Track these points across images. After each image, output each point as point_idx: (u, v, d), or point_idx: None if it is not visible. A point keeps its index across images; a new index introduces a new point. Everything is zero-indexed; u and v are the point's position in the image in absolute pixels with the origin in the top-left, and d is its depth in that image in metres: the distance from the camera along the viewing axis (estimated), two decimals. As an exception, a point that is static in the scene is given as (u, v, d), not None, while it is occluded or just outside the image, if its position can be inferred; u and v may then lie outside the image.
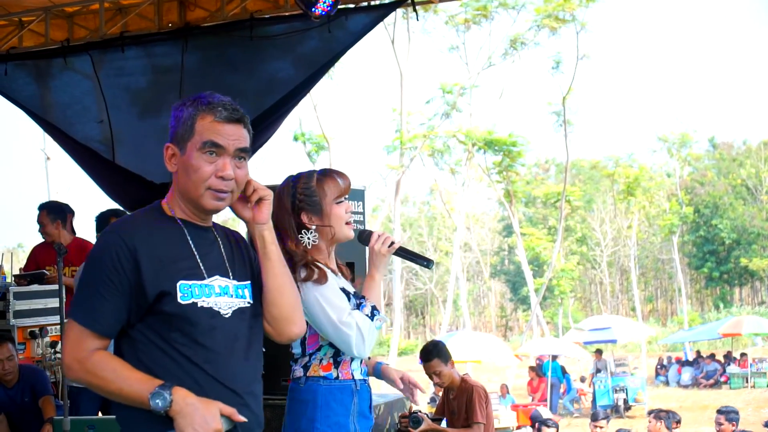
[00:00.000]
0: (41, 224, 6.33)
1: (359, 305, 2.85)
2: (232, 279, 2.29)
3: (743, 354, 24.69)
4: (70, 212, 6.46)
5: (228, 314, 2.24)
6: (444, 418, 5.34)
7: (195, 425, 2.09)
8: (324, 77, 7.73)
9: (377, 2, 6.67)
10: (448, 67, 75.26)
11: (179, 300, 2.17)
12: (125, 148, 7.22)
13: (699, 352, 27.22)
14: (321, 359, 2.85)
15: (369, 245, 2.96)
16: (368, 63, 67.38)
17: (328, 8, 6.02)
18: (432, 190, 41.45)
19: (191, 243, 2.25)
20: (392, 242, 2.95)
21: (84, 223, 6.70)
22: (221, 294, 2.24)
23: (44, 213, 6.34)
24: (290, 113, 7.07)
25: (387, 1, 6.63)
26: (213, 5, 6.99)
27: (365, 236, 2.99)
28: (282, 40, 6.73)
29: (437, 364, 5.24)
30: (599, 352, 23.10)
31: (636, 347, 31.18)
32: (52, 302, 5.84)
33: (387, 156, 28.42)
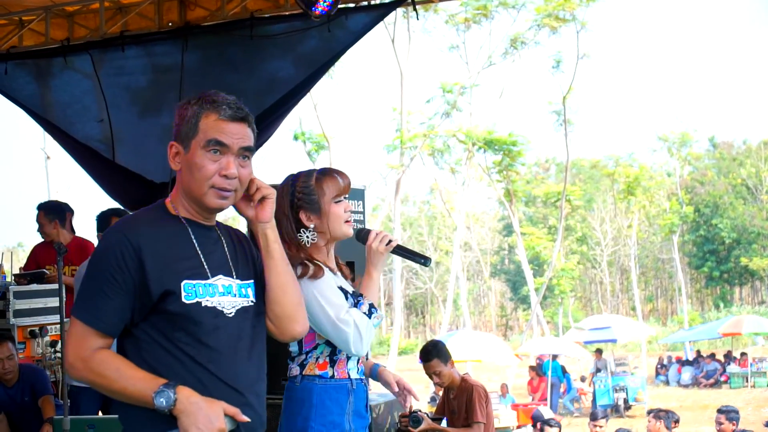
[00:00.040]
0: (39, 224, 6.34)
1: (357, 303, 2.85)
2: (236, 278, 2.28)
3: (743, 353, 24.69)
4: (69, 211, 6.45)
5: (231, 314, 2.24)
6: (444, 418, 5.34)
7: (199, 424, 2.09)
8: (324, 76, 7.73)
9: (377, 1, 6.67)
10: (449, 67, 75.25)
11: (183, 299, 2.16)
12: (125, 148, 7.23)
13: (699, 352, 27.22)
14: (317, 357, 2.85)
15: (367, 243, 2.96)
16: (368, 62, 67.45)
17: (328, 7, 6.02)
18: (432, 190, 41.48)
19: (195, 242, 2.24)
20: (390, 240, 2.96)
21: (84, 223, 6.70)
22: (225, 293, 2.23)
23: (42, 213, 6.34)
24: (290, 112, 7.08)
25: (387, 1, 6.63)
26: (213, 4, 7.00)
27: (363, 234, 2.99)
28: (282, 40, 6.73)
29: (437, 364, 5.24)
30: (599, 352, 23.11)
31: (636, 347, 31.17)
32: (52, 301, 5.83)
33: (387, 155, 28.45)
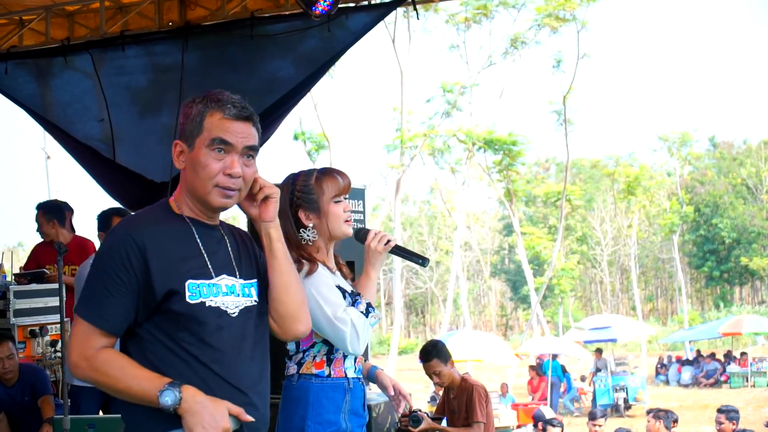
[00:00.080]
0: (38, 224, 6.33)
1: (354, 302, 2.86)
2: (239, 278, 2.28)
3: (743, 353, 24.70)
4: (69, 210, 6.44)
5: (235, 313, 2.23)
6: (444, 417, 5.35)
7: (204, 423, 2.09)
8: (324, 76, 7.73)
9: (377, 1, 6.66)
10: (449, 66, 75.28)
11: (187, 299, 2.16)
12: (125, 147, 7.23)
13: (699, 352, 27.23)
14: (314, 356, 2.86)
15: (365, 243, 2.98)
16: (369, 62, 67.41)
17: (329, 7, 6.02)
18: (432, 189, 41.44)
19: (199, 242, 2.24)
20: (388, 240, 2.97)
21: (84, 222, 6.70)
22: (228, 293, 2.23)
23: (40, 213, 6.33)
24: (290, 112, 7.08)
25: (387, 0, 6.63)
26: (213, 4, 7.00)
27: (362, 234, 3.01)
28: (282, 39, 6.73)
29: (437, 364, 5.24)
30: (599, 351, 23.12)
31: (636, 346, 31.19)
32: (53, 301, 5.83)
33: (387, 155, 28.42)
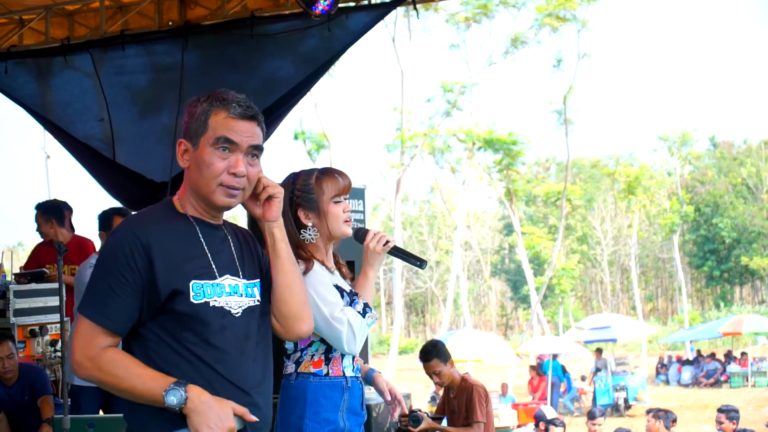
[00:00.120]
0: (37, 224, 6.33)
1: (352, 302, 2.87)
2: (242, 278, 2.27)
3: (743, 353, 24.71)
4: (68, 210, 6.43)
5: (238, 314, 2.23)
6: (444, 417, 5.35)
7: (210, 423, 2.08)
8: (324, 76, 7.72)
9: (378, 1, 6.66)
10: (449, 66, 75.11)
11: (192, 299, 2.15)
12: (126, 147, 7.22)
13: (699, 351, 27.24)
14: (312, 355, 2.86)
15: (364, 243, 2.98)
16: (369, 61, 67.30)
17: (329, 6, 6.02)
18: (432, 189, 41.39)
19: (203, 241, 2.23)
20: (387, 241, 2.98)
21: (84, 222, 6.70)
22: (231, 293, 2.23)
23: (38, 213, 6.33)
24: (291, 112, 7.07)
25: (387, 0, 6.62)
26: (213, 3, 6.99)
27: (361, 234, 3.02)
28: (282, 39, 6.73)
29: (437, 364, 5.24)
30: (600, 351, 23.13)
31: (636, 346, 31.18)
32: (53, 300, 5.83)
33: (387, 154, 28.44)
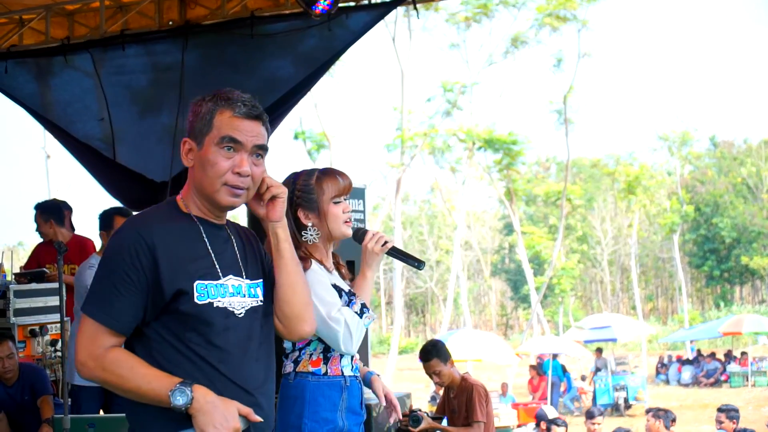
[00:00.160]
0: (36, 224, 6.33)
1: (349, 302, 2.87)
2: (245, 278, 2.27)
3: (743, 353, 24.71)
4: (67, 209, 6.42)
5: (241, 314, 2.23)
6: (444, 417, 5.35)
7: (215, 423, 2.08)
8: (324, 75, 7.72)
9: (378, 0, 6.66)
10: (449, 65, 75.09)
11: (196, 300, 2.15)
12: (126, 147, 7.23)
13: (699, 351, 27.23)
14: (311, 354, 2.87)
15: (363, 243, 2.98)
16: (369, 61, 67.30)
17: (329, 6, 6.02)
18: (432, 189, 41.38)
19: (207, 241, 2.23)
20: (385, 242, 2.98)
21: (84, 221, 6.70)
22: (235, 294, 2.22)
23: (38, 213, 6.33)
24: (291, 111, 7.07)
25: (387, 0, 6.62)
26: (213, 3, 6.99)
27: (360, 234, 3.02)
28: (282, 39, 6.73)
29: (436, 364, 5.24)
30: (600, 351, 23.13)
31: (636, 346, 31.18)
32: (53, 300, 5.83)
33: (388, 154, 28.46)
